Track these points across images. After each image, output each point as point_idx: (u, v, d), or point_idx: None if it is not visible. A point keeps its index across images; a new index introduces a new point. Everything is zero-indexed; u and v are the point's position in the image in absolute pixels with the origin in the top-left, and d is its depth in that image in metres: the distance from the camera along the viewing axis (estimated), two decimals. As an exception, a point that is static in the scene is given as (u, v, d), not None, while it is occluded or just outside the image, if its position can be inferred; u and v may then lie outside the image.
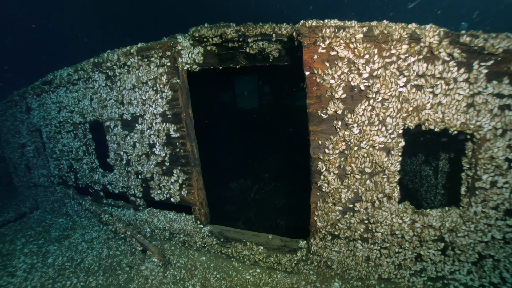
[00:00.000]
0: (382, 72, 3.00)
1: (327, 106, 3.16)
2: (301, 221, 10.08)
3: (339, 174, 3.39)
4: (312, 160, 3.39)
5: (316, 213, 3.66)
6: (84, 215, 6.77)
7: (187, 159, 4.09)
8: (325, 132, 3.26)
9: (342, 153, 3.29)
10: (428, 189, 7.34)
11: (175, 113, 3.98)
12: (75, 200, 6.42)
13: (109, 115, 4.95)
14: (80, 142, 5.96)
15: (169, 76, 3.92)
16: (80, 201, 6.20)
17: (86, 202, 5.93)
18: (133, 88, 4.39)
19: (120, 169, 5.20)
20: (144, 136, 4.48)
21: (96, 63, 4.71)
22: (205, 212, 4.44)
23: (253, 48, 4.76)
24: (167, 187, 4.50)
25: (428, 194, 7.32)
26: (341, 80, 3.09)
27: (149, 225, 5.21)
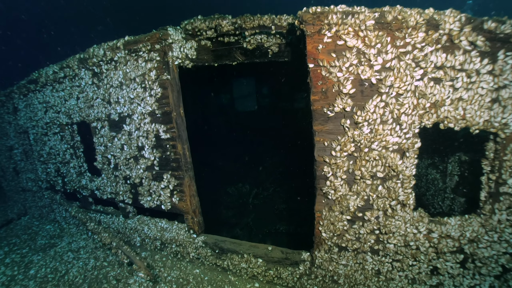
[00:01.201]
0: (396, 63, 2.65)
1: (334, 103, 2.81)
2: (302, 227, 9.77)
3: (348, 180, 3.03)
4: (317, 163, 3.03)
5: (321, 223, 3.28)
6: (72, 222, 6.38)
7: (178, 163, 3.72)
8: (332, 132, 2.90)
9: (350, 155, 2.93)
10: (435, 194, 6.97)
11: (165, 112, 3.62)
12: (62, 206, 6.03)
13: (95, 115, 4.59)
14: (67, 144, 5.59)
15: (158, 71, 3.57)
16: (67, 207, 5.81)
17: (73, 208, 5.54)
18: (121, 86, 4.04)
19: (107, 173, 4.82)
20: (132, 138, 4.12)
21: (82, 59, 4.36)
22: (199, 221, 4.06)
23: (251, 43, 4.42)
24: (157, 194, 4.13)
25: (435, 199, 6.95)
26: (349, 73, 2.75)
27: (139, 234, 4.82)
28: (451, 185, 6.52)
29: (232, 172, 12.88)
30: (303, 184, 11.28)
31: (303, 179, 11.45)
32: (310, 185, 6.25)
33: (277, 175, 12.22)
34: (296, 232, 9.77)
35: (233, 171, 13.02)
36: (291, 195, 11.05)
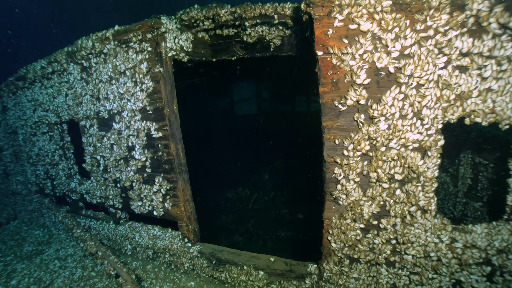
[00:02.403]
0: (416, 50, 2.33)
1: (346, 95, 2.47)
2: (304, 234, 9.39)
3: (361, 183, 2.68)
4: (327, 164, 2.68)
5: (330, 232, 2.92)
6: (62, 228, 6.00)
7: (171, 165, 3.38)
8: (344, 129, 2.56)
9: (365, 155, 2.58)
10: (446, 198, 6.59)
11: (157, 109, 3.29)
12: (51, 210, 5.67)
13: (84, 113, 4.26)
14: (56, 145, 5.25)
15: (150, 63, 3.25)
16: (55, 211, 5.45)
17: (60, 213, 5.18)
18: (110, 80, 3.71)
19: (97, 176, 4.47)
20: (122, 137, 3.78)
21: (70, 52, 4.05)
22: (194, 229, 3.70)
23: (251, 36, 4.12)
24: (148, 198, 3.77)
25: (445, 204, 6.57)
26: (363, 61, 2.42)
27: (130, 241, 4.45)
28: (463, 189, 6.16)
29: (231, 176, 12.51)
30: (306, 188, 10.96)
31: (305, 184, 11.14)
32: (313, 189, 5.86)
33: (278, 180, 11.86)
34: (298, 238, 9.41)
35: (233, 175, 12.66)
36: (293, 199, 10.68)
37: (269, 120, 15.20)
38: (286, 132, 14.24)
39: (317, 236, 5.98)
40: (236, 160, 13.73)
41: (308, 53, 3.97)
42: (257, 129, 15.10)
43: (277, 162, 12.96)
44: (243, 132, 15.25)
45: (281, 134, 14.23)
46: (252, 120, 15.78)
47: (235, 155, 14.24)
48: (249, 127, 15.49)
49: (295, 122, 14.36)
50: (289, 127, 14.40)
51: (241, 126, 15.74)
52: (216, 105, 16.50)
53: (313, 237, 9.06)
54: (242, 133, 15.24)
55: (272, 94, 15.47)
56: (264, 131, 14.81)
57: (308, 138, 12.50)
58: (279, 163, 12.90)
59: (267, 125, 15.09)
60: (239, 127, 15.82)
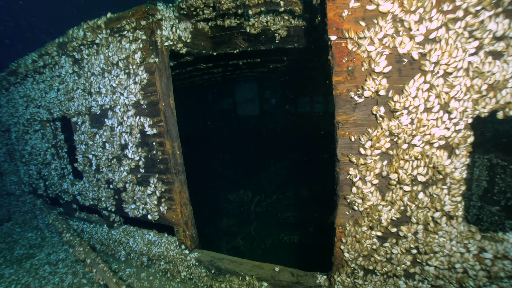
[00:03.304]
0: (443, 33, 2.03)
1: (364, 85, 2.17)
2: (308, 237, 9.05)
3: (380, 185, 2.37)
4: (340, 165, 2.37)
5: (343, 241, 2.61)
6: (54, 230, 5.73)
7: (166, 165, 3.08)
8: (360, 124, 2.25)
9: (384, 154, 2.27)
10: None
11: (152, 103, 3.00)
12: (43, 212, 5.40)
13: (76, 109, 3.99)
14: (48, 143, 4.98)
15: (144, 53, 2.97)
16: (47, 213, 5.17)
17: (51, 215, 4.90)
18: (102, 73, 3.44)
19: (89, 176, 4.19)
20: (114, 134, 3.49)
21: (61, 43, 3.79)
22: (192, 235, 3.40)
23: (255, 26, 3.84)
24: (142, 201, 3.48)
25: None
26: (383, 46, 2.12)
27: (124, 247, 4.16)
28: (478, 192, 5.82)
29: (233, 178, 12.22)
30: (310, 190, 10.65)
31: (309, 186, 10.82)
32: (318, 191, 5.48)
33: (281, 181, 11.54)
34: (302, 242, 9.09)
35: (235, 177, 12.36)
36: (296, 202, 10.37)
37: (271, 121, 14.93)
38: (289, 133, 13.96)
39: (322, 241, 5.66)
40: (238, 161, 13.44)
41: (317, 44, 3.69)
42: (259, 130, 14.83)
43: (280, 164, 12.65)
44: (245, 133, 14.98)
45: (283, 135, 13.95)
46: (254, 121, 15.52)
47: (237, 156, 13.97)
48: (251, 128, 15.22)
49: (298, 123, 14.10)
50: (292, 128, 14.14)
51: (243, 127, 15.48)
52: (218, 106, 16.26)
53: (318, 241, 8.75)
54: (244, 134, 14.97)
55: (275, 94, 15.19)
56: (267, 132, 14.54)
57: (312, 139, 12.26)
58: (281, 165, 12.58)
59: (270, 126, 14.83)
60: (241, 127, 15.56)
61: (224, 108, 16.29)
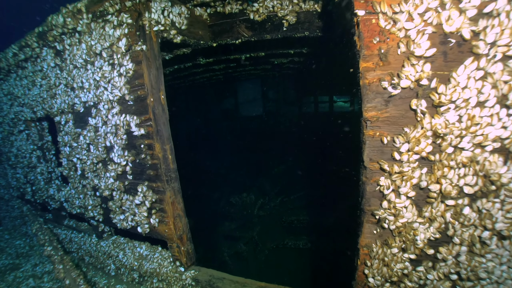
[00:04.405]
0: (504, 5, 1.56)
1: (401, 72, 1.70)
2: (313, 243, 8.60)
3: (416, 199, 1.90)
4: (368, 173, 1.90)
5: (367, 264, 2.14)
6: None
7: (156, 171, 2.64)
8: (395, 121, 1.78)
9: (424, 159, 1.80)
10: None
11: (138, 98, 2.56)
12: (28, 219, 4.99)
13: (59, 106, 3.57)
14: (33, 145, 4.57)
15: (129, 39, 2.53)
16: (32, 221, 4.76)
17: (35, 224, 4.49)
18: (85, 65, 3.00)
19: (74, 182, 3.77)
20: (99, 135, 3.06)
21: (41, 33, 3.36)
22: (187, 250, 2.95)
23: (260, 12, 3.38)
24: (131, 212, 3.03)
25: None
26: (425, 23, 1.65)
27: (114, 260, 3.72)
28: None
29: (236, 181, 11.76)
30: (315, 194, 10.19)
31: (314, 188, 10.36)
32: (322, 194, 4.95)
33: (285, 184, 11.07)
34: (307, 248, 8.64)
35: (237, 179, 11.90)
36: (301, 206, 9.90)
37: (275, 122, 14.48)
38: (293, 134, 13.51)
39: (330, 247, 5.10)
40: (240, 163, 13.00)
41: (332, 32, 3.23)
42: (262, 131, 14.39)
43: (284, 166, 12.18)
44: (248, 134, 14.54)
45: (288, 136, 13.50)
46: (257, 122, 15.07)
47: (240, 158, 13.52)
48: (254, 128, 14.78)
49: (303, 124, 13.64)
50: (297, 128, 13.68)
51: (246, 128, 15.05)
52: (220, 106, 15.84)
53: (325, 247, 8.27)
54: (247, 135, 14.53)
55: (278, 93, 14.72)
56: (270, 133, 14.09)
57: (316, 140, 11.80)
58: (286, 167, 12.11)
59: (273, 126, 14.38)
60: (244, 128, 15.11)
61: (226, 108, 15.86)
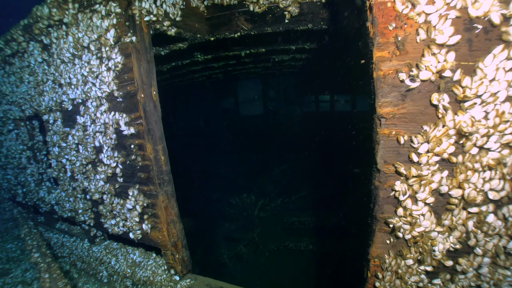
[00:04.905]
0: (542, -15, 1.36)
1: (420, 63, 1.50)
2: (314, 244, 8.42)
3: (435, 205, 1.69)
4: (381, 176, 1.69)
5: (379, 276, 1.94)
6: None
7: (147, 173, 2.44)
8: (413, 119, 1.58)
9: (445, 161, 1.60)
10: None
11: (128, 94, 2.36)
12: (18, 222, 4.80)
13: (47, 104, 3.37)
14: (22, 145, 4.37)
15: (118, 31, 2.33)
16: (22, 225, 4.57)
17: (24, 228, 4.29)
18: (73, 59, 2.80)
19: (64, 184, 3.57)
20: (87, 135, 2.86)
21: (26, 26, 3.16)
22: (183, 258, 2.75)
23: (260, 3, 3.17)
24: (122, 217, 2.84)
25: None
26: (448, 7, 1.45)
27: (106, 266, 3.53)
28: None
29: (236, 181, 11.57)
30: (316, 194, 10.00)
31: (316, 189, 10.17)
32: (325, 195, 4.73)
33: (286, 184, 10.88)
34: (308, 249, 8.47)
35: (237, 180, 11.71)
36: (302, 207, 9.71)
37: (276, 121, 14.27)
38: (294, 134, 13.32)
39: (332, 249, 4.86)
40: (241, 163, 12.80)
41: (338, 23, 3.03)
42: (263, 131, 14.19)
43: (284, 166, 11.99)
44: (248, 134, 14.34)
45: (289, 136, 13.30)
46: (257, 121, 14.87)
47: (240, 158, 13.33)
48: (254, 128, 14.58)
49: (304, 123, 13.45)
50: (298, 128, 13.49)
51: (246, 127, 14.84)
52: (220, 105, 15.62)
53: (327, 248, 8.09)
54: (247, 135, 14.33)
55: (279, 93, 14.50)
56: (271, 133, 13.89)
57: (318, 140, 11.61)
58: (286, 167, 11.92)
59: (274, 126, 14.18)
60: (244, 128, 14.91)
61: (226, 107, 15.65)
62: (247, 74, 10.24)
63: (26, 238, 3.92)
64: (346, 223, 7.85)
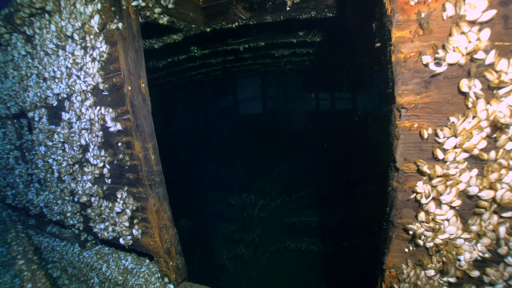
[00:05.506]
0: None
1: (447, 43, 1.28)
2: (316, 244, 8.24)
3: (461, 209, 1.48)
4: (400, 176, 1.47)
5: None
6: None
7: (136, 174, 2.22)
8: (438, 109, 1.36)
9: (475, 158, 1.38)
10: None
11: (114, 86, 2.14)
12: (6, 226, 4.58)
13: (31, 100, 3.14)
14: (10, 144, 4.15)
15: (103, 17, 2.11)
16: (9, 228, 4.35)
17: (11, 233, 4.08)
18: (56, 51, 2.58)
19: (51, 186, 3.35)
20: (73, 132, 2.64)
21: (7, 15, 2.94)
22: (176, 265, 2.53)
23: (259, -10, 2.96)
24: (111, 221, 2.62)
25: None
26: (482, -24, 1.23)
27: (97, 273, 3.31)
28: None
29: (235, 181, 11.35)
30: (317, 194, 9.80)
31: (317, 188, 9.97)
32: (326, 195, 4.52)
33: (286, 184, 10.67)
34: (309, 250, 8.28)
35: (237, 179, 11.49)
36: (303, 206, 9.51)
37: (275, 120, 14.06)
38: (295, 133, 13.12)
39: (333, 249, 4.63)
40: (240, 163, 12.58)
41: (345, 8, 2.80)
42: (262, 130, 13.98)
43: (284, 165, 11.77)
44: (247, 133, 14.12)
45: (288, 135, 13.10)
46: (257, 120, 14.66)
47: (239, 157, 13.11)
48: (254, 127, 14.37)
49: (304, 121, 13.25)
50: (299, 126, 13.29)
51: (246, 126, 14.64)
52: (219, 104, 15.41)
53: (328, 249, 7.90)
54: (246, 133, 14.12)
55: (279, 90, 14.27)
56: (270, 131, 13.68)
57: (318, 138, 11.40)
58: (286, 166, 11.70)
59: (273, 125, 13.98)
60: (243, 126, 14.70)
61: (225, 106, 15.44)
62: (246, 72, 10.01)
63: (12, 243, 3.71)
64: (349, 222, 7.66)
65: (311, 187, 10.07)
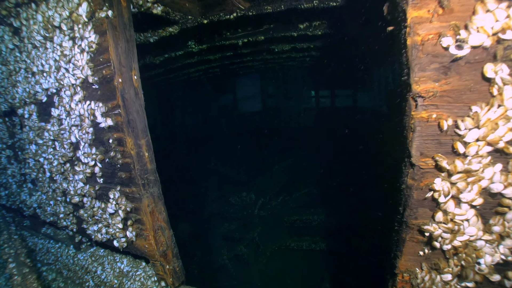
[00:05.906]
0: None
1: (470, 24, 1.14)
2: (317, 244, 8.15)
3: (483, 208, 1.35)
4: (416, 172, 1.34)
5: (409, 294, 1.60)
6: (22, 248, 4.77)
7: (129, 173, 2.08)
8: (459, 97, 1.22)
9: (499, 152, 1.25)
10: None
11: (104, 79, 2.00)
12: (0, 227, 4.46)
13: (20, 96, 3.00)
14: (1, 143, 4.02)
15: (92, 4, 1.97)
16: (3, 230, 4.22)
17: (3, 235, 3.95)
18: (44, 43, 2.44)
19: (43, 186, 3.22)
20: (63, 129, 2.50)
21: (-7, 7, 2.79)
22: (173, 269, 2.40)
23: (258, -22, 2.81)
24: (104, 223, 2.49)
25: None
26: None
27: (92, 276, 3.19)
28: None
29: (235, 179, 11.23)
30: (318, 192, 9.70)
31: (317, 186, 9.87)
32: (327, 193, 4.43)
33: (286, 182, 10.56)
34: (310, 249, 8.20)
35: (236, 177, 11.37)
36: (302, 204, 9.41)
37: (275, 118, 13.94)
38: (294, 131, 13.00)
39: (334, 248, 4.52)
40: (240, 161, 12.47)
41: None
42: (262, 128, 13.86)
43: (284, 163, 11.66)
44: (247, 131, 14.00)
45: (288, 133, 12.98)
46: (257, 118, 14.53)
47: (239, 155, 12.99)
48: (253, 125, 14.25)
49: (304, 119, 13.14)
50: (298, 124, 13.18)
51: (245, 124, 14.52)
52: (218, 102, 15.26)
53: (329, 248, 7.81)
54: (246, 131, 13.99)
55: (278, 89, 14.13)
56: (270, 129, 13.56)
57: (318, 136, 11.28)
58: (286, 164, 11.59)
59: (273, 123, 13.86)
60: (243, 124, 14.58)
61: (225, 104, 15.31)
62: (245, 69, 9.86)
63: (3, 246, 3.58)
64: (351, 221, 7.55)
65: (311, 185, 9.97)
